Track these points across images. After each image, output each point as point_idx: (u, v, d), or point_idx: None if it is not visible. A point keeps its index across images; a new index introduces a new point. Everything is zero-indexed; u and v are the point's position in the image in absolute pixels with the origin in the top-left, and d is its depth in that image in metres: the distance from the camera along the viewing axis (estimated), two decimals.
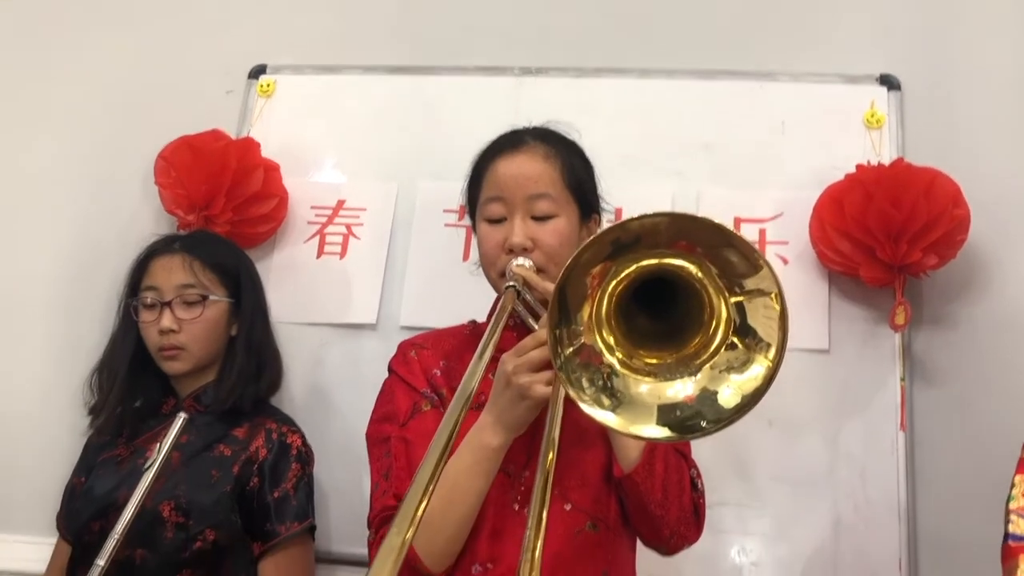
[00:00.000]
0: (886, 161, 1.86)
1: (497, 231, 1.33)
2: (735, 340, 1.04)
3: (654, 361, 1.08)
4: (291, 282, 2.01)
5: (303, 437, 1.69)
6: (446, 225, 2.00)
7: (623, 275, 1.05)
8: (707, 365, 1.05)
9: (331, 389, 1.94)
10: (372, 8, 2.22)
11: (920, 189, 1.70)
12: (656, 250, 1.03)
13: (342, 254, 2.03)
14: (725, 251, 1.00)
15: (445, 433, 0.92)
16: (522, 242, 1.30)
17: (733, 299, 1.03)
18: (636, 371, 1.07)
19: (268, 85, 2.17)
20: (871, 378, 1.79)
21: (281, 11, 2.24)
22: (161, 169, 1.97)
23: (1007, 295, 1.81)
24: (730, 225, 1.86)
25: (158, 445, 1.49)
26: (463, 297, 1.57)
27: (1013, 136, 1.91)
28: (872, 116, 1.94)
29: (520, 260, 1.29)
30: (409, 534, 0.81)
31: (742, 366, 1.03)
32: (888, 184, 1.72)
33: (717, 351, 1.05)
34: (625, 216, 1.94)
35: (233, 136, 2.08)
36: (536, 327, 1.22)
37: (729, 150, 1.98)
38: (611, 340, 1.07)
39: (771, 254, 1.89)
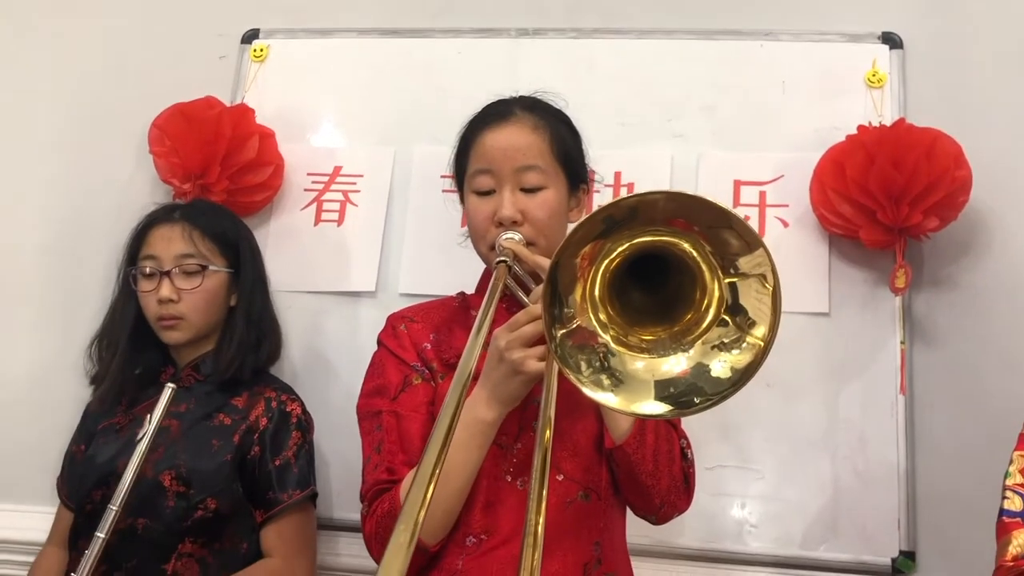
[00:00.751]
0: (888, 121, 1.84)
1: (486, 204, 1.33)
2: (726, 318, 1.04)
3: (648, 337, 1.08)
4: (289, 250, 2.00)
5: (303, 405, 1.70)
6: (444, 191, 1.97)
7: (616, 252, 1.04)
8: (699, 341, 1.05)
9: (330, 357, 1.94)
10: None
11: (922, 150, 1.68)
12: (651, 227, 1.02)
13: (339, 221, 2.02)
14: (722, 231, 0.99)
15: (446, 419, 0.92)
16: (511, 215, 1.30)
17: (727, 279, 1.02)
18: (631, 348, 1.07)
19: (261, 50, 2.14)
20: (871, 341, 1.79)
21: None
22: (155, 138, 1.95)
23: (1008, 257, 1.80)
24: (730, 191, 1.91)
25: (149, 416, 1.51)
26: (461, 263, 1.56)
27: (1016, 95, 1.87)
28: (874, 75, 1.91)
29: (509, 234, 1.29)
30: (421, 514, 0.81)
31: (733, 343, 1.03)
32: (889, 145, 1.70)
33: (709, 327, 1.05)
34: (624, 181, 1.96)
35: (227, 102, 2.05)
36: (527, 301, 1.22)
37: (729, 111, 1.96)
38: (604, 318, 1.07)
39: (771, 217, 1.88)
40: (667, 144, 1.96)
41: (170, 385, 1.51)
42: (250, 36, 2.16)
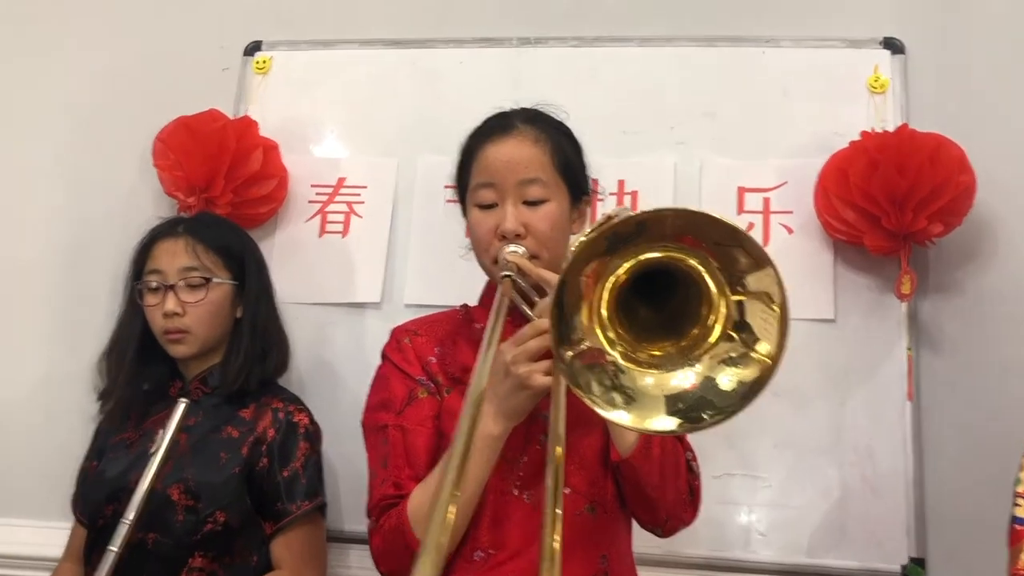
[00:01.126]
0: (891, 127, 1.84)
1: (489, 217, 1.33)
2: (733, 334, 1.03)
3: (656, 352, 1.07)
4: (294, 262, 2.01)
5: (310, 415, 1.70)
6: (447, 201, 1.98)
7: (622, 269, 1.04)
8: (707, 355, 1.05)
9: (337, 368, 1.95)
10: None
11: (925, 155, 1.68)
12: (658, 243, 1.01)
13: (344, 232, 2.02)
14: (731, 248, 0.99)
15: (461, 443, 0.91)
16: (515, 228, 1.30)
17: (734, 296, 1.02)
18: (640, 364, 1.06)
19: (264, 62, 2.14)
20: (877, 347, 1.79)
21: None
22: (159, 151, 1.96)
23: (1014, 261, 1.80)
24: (733, 198, 1.91)
25: (162, 431, 1.51)
26: (466, 273, 1.55)
27: (1018, 100, 1.87)
28: (876, 81, 1.91)
29: (513, 247, 1.29)
30: (444, 538, 0.80)
31: (740, 358, 1.03)
32: (893, 151, 1.70)
33: (717, 342, 1.04)
34: (627, 189, 1.96)
35: (230, 114, 2.06)
36: (532, 315, 1.22)
37: (732, 118, 1.96)
38: (612, 335, 1.06)
39: (775, 224, 1.89)
40: (670, 152, 1.97)
41: (183, 400, 1.50)
42: (252, 48, 2.16)
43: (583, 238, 1.01)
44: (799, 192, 1.87)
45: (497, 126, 1.38)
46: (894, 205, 1.68)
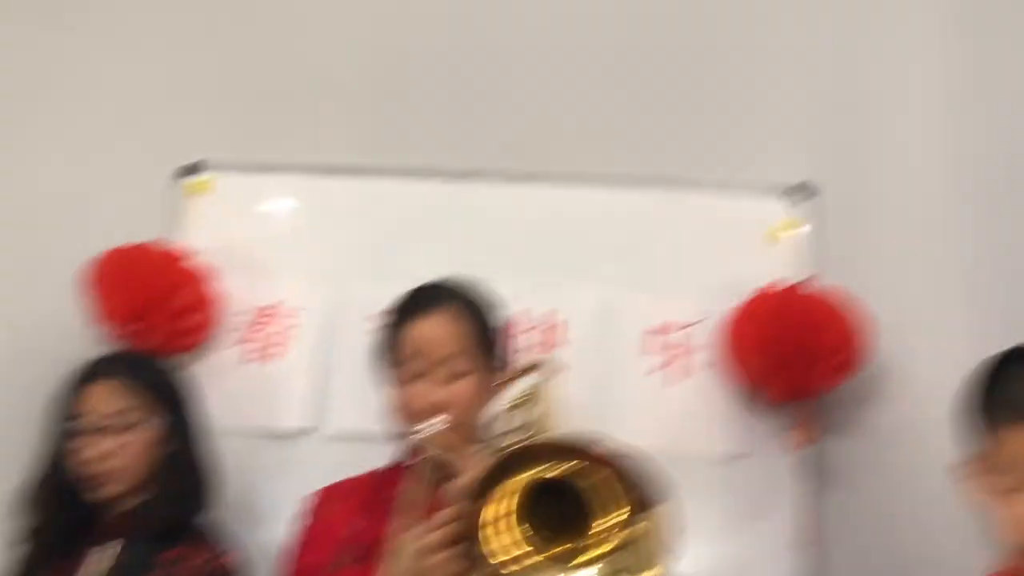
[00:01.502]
0: (796, 272, 1.96)
1: (411, 390, 1.41)
2: (621, 549, 1.12)
3: (561, 549, 1.15)
4: (223, 387, 2.02)
5: (234, 558, 1.72)
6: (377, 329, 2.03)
7: (525, 480, 1.12)
8: (602, 560, 1.12)
9: (264, 496, 1.96)
10: (305, 108, 2.25)
11: (824, 315, 1.79)
12: (550, 463, 1.10)
13: (275, 357, 2.06)
14: (632, 475, 1.08)
15: None
16: (436, 403, 1.38)
17: (626, 510, 1.10)
18: (547, 564, 1.13)
19: (199, 184, 2.18)
20: (779, 487, 1.88)
21: (213, 110, 2.26)
22: (90, 282, 1.97)
23: (909, 403, 1.91)
24: (638, 337, 1.99)
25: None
26: None
27: (916, 247, 2.02)
28: (779, 228, 2.03)
29: (429, 428, 1.34)
30: None
31: (637, 566, 1.10)
32: (796, 310, 1.81)
33: (610, 552, 1.12)
34: (555, 319, 2.04)
35: (163, 235, 2.09)
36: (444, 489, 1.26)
37: (650, 256, 2.06)
38: (521, 541, 1.13)
39: (685, 362, 1.98)
40: (591, 287, 2.04)
41: (113, 544, 1.52)
42: (189, 170, 2.19)
43: (483, 467, 1.09)
44: (708, 332, 1.97)
45: (420, 302, 1.47)
46: (797, 359, 1.79)
